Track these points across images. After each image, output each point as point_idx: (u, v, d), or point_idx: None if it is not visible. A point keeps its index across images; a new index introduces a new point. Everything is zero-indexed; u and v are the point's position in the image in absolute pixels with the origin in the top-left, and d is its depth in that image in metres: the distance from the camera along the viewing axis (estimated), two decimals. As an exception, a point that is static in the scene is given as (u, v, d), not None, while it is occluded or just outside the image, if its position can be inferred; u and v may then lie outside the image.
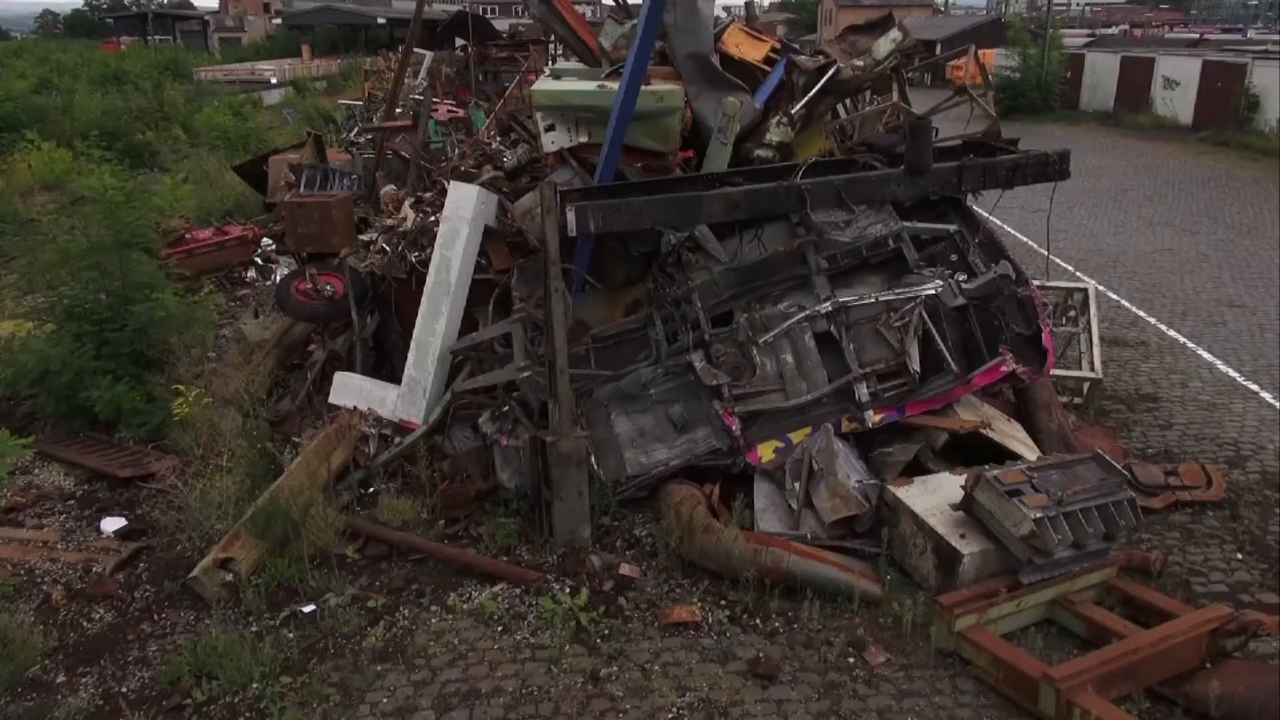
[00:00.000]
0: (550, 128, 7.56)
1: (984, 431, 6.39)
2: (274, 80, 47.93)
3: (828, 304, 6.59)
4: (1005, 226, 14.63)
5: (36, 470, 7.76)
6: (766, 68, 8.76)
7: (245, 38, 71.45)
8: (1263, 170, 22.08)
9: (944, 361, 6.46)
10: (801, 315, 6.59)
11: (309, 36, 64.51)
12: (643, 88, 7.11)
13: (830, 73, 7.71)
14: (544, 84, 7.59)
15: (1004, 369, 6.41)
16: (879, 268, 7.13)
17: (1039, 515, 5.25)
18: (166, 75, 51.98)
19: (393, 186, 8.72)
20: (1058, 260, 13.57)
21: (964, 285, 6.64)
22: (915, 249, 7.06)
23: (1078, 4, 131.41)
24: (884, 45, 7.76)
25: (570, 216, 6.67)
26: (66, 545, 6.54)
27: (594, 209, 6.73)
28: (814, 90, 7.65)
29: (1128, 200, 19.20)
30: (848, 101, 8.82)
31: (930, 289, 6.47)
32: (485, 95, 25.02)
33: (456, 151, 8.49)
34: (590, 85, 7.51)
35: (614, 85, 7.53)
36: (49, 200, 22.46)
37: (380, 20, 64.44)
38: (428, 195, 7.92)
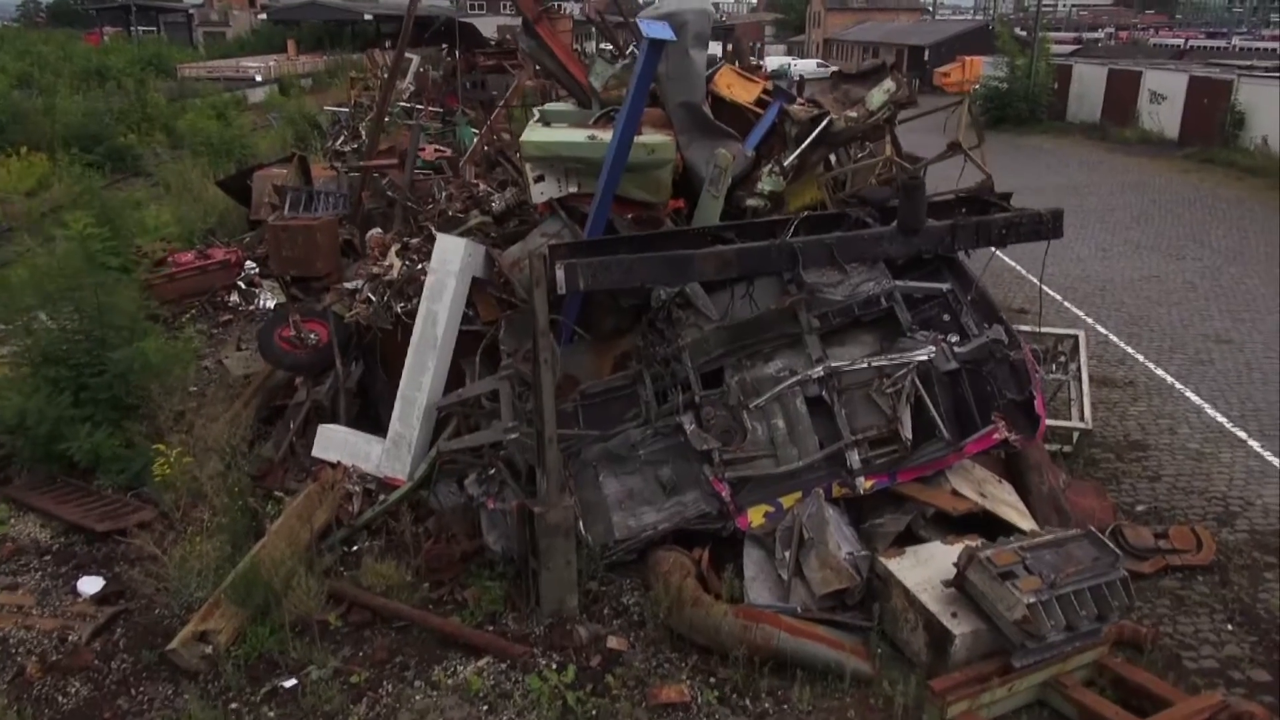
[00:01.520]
0: (540, 178, 7.45)
1: (978, 502, 6.34)
2: (259, 78, 47.45)
3: (820, 369, 6.52)
4: (995, 251, 14.62)
5: (13, 521, 7.60)
6: (758, 110, 8.68)
7: (230, 32, 70.70)
8: (1248, 189, 22.18)
9: (936, 428, 6.40)
10: (793, 380, 6.52)
11: (294, 32, 63.90)
12: (634, 139, 7.02)
13: (823, 124, 7.61)
14: (533, 133, 7.48)
15: (996, 437, 6.36)
16: (871, 326, 7.06)
17: (1032, 600, 5.20)
18: (150, 71, 51.50)
19: (379, 230, 8.58)
20: (1046, 289, 13.53)
21: (956, 349, 6.58)
22: (907, 307, 7.00)
23: (1064, 5, 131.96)
24: (877, 96, 7.68)
25: (559, 274, 6.57)
26: (42, 610, 6.40)
27: (583, 267, 6.63)
28: (807, 142, 7.56)
29: (1114, 221, 19.23)
30: (840, 150, 8.74)
31: (923, 355, 6.40)
32: (472, 103, 24.88)
33: (444, 194, 8.35)
34: (580, 135, 7.40)
35: (604, 135, 7.44)
36: (30, 206, 22.18)
37: (367, 17, 63.87)
38: (414, 241, 7.79)
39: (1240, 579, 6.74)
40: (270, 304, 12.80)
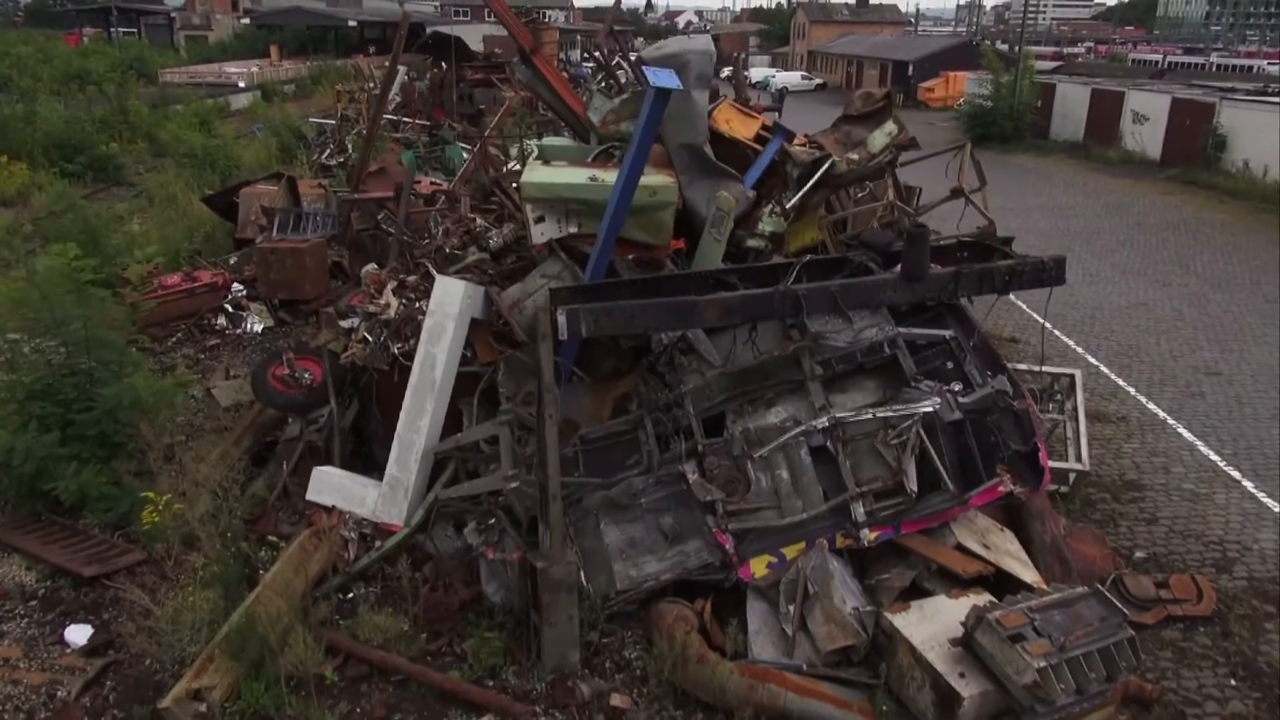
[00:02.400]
0: (540, 219, 7.36)
1: (984, 556, 6.30)
2: (242, 84, 47.08)
3: (825, 419, 6.47)
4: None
5: (-4, 562, 7.43)
6: (758, 146, 8.65)
7: (212, 36, 70.15)
8: (1230, 213, 22.42)
9: (941, 480, 6.36)
10: (798, 430, 6.46)
11: (277, 36, 63.50)
12: (636, 181, 6.95)
13: (825, 166, 7.58)
14: (534, 174, 7.39)
15: (1001, 489, 6.34)
16: (874, 372, 7.02)
17: (1043, 664, 5.16)
18: (131, 75, 50.95)
19: (374, 266, 8.46)
20: (1035, 315, 13.60)
21: (961, 399, 6.55)
22: (910, 353, 6.96)
23: (1045, 19, 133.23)
24: (879, 139, 7.66)
25: (561, 320, 6.48)
26: (30, 664, 6.23)
27: (585, 313, 6.54)
28: (810, 185, 7.52)
29: (1100, 245, 19.36)
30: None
31: (928, 406, 6.37)
32: (460, 117, 24.79)
33: (440, 229, 8.26)
34: (582, 176, 7.32)
35: (605, 175, 7.37)
36: (8, 216, 21.84)
37: (351, 23, 63.68)
38: (411, 279, 7.69)
39: (1241, 630, 6.74)
40: (258, 327, 12.65)
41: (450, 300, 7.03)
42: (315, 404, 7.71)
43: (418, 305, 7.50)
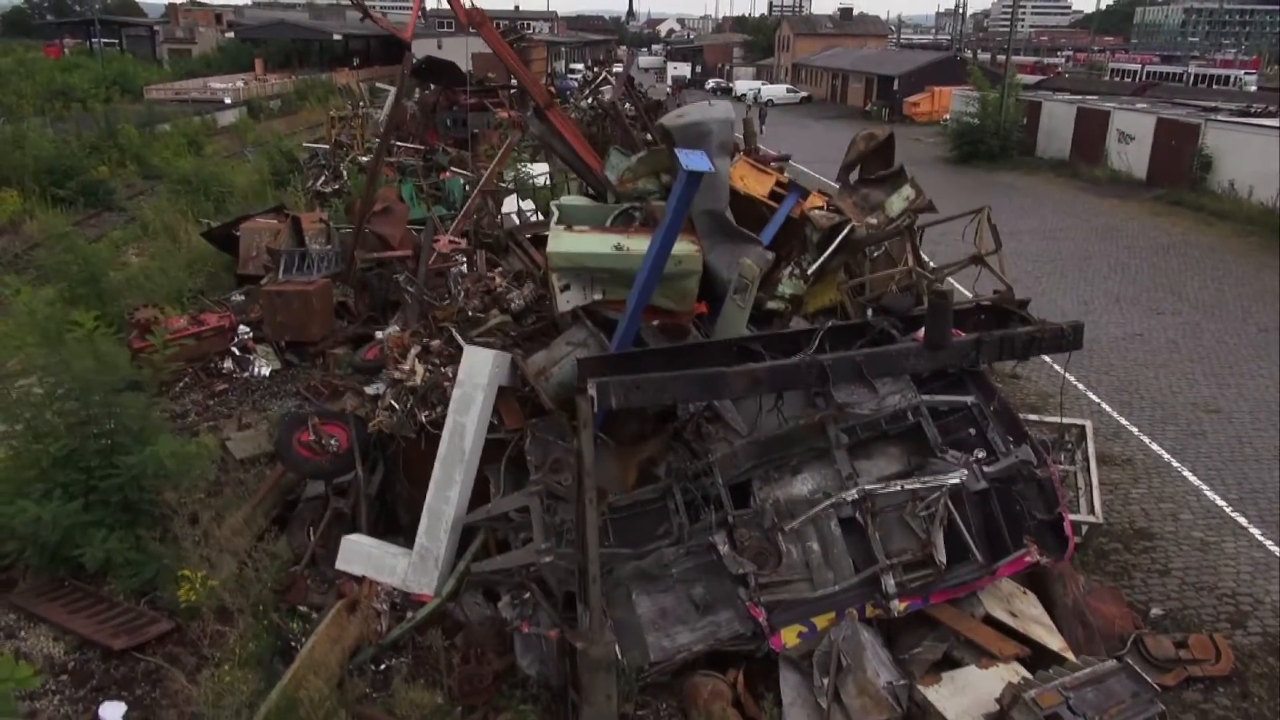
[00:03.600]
0: (565, 287, 7.44)
1: (1012, 625, 6.42)
2: (228, 100, 46.91)
3: (854, 492, 6.57)
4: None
5: (22, 633, 7.41)
6: (773, 204, 8.76)
7: (196, 49, 69.82)
8: (1218, 236, 22.73)
9: (969, 551, 6.48)
10: (828, 503, 6.56)
11: (262, 50, 63.29)
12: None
13: (845, 232, 7.70)
14: (559, 243, 7.46)
15: (1028, 560, 6.47)
16: (898, 438, 7.13)
17: (1079, 745, 5.28)
18: (115, 89, 50.65)
19: (396, 328, 8.50)
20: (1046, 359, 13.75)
21: (985, 468, 6.67)
22: (932, 419, 7.08)
23: (1024, 27, 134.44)
24: (896, 203, 7.79)
25: (592, 392, 6.55)
26: (66, 749, 6.25)
27: (615, 385, 6.61)
28: (830, 250, 7.64)
29: (1092, 271, 19.60)
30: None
31: (955, 478, 6.48)
32: (453, 143, 24.81)
33: (460, 290, 8.32)
34: (606, 245, 7.40)
35: (630, 243, 7.46)
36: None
37: (336, 36, 63.56)
38: (435, 344, 7.74)
39: (1259, 690, 6.89)
40: (265, 370, 12.64)
41: (479, 371, 7.09)
42: (341, 470, 7.74)
43: (443, 371, 7.55)
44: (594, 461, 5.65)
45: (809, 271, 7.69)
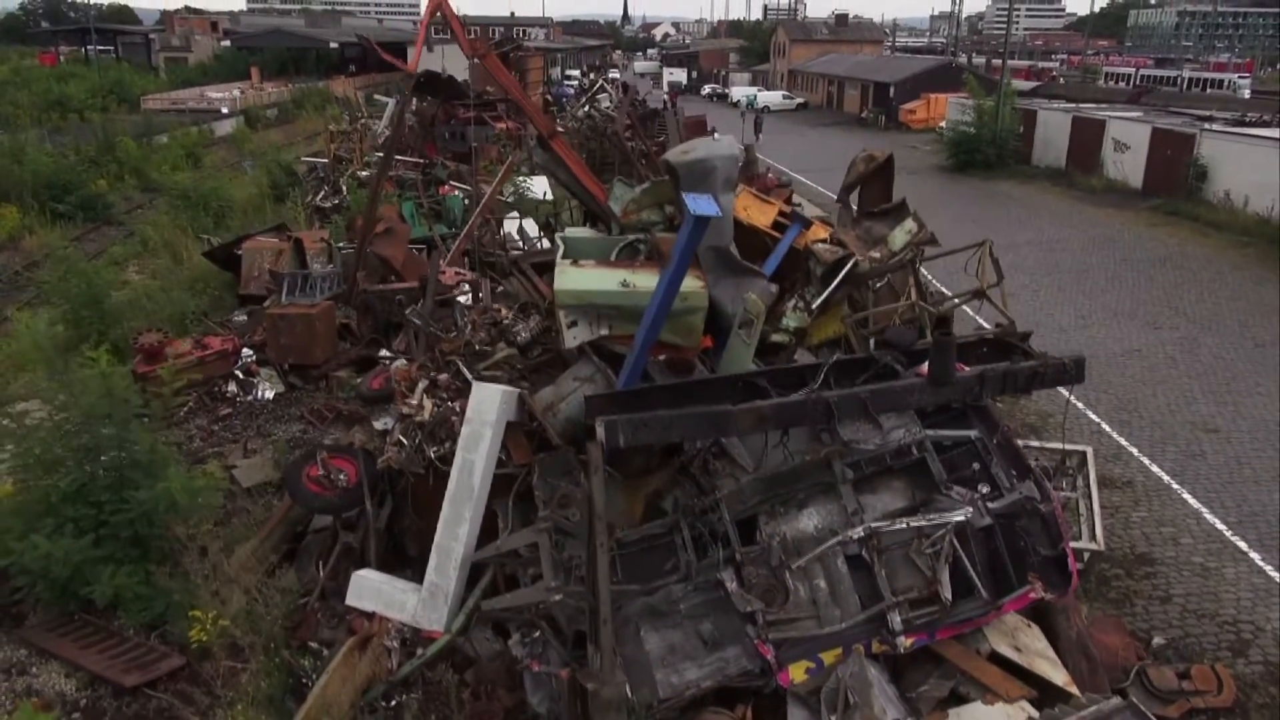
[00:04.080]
0: (573, 323, 7.51)
1: (1015, 659, 6.49)
2: (225, 110, 46.96)
3: (860, 529, 6.64)
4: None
5: (34, 669, 7.46)
6: (776, 234, 8.84)
7: (192, 57, 69.81)
8: (1214, 247, 22.85)
9: (974, 587, 6.55)
10: (834, 541, 6.63)
11: (258, 58, 63.35)
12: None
13: (849, 266, 7.78)
14: (565, 279, 7.54)
15: (1033, 596, 6.53)
16: (902, 472, 7.21)
17: (1086, 787, 5.35)
18: (112, 99, 50.62)
19: (403, 361, 8.57)
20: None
21: (990, 504, 6.75)
22: (936, 453, 7.15)
23: (1018, 30, 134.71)
24: (900, 237, 7.88)
25: (599, 432, 6.62)
26: (82, 789, 6.30)
27: (623, 424, 6.68)
28: (834, 284, 7.72)
29: (1089, 283, 19.70)
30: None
31: (960, 516, 6.55)
32: (452, 156, 24.84)
33: (467, 324, 8.38)
34: (613, 282, 7.48)
35: (636, 278, 7.53)
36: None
37: (332, 44, 63.62)
38: (442, 378, 7.80)
39: (1261, 721, 6.97)
40: (269, 394, 12.68)
41: (487, 408, 7.16)
42: (350, 505, 7.80)
43: (451, 406, 7.61)
44: (604, 509, 5.72)
45: (813, 305, 7.76)
